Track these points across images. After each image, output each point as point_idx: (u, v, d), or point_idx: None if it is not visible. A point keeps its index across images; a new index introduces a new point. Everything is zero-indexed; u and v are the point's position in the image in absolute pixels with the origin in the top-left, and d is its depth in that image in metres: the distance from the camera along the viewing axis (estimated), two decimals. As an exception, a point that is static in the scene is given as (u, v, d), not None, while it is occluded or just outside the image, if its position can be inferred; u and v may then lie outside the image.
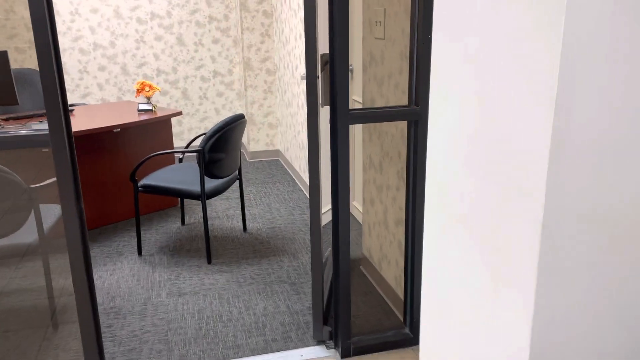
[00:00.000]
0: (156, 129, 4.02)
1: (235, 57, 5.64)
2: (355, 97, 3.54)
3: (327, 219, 3.79)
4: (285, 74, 4.95)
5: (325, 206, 3.61)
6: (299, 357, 2.33)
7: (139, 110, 3.95)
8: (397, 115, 2.11)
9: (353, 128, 3.70)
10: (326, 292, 2.72)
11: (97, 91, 5.41)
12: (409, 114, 2.12)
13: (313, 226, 2.21)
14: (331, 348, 2.39)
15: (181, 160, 3.79)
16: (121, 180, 3.87)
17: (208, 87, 5.67)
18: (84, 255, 1.96)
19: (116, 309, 2.76)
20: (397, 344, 2.38)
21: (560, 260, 1.01)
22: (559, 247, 1.01)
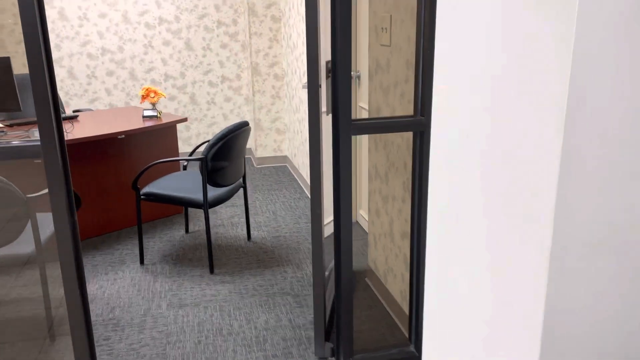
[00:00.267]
0: (161, 135, 3.98)
1: (244, 62, 5.60)
2: (363, 103, 3.47)
3: (331, 229, 3.72)
4: (292, 80, 4.89)
5: (330, 217, 3.54)
6: (299, 375, 2.26)
7: (143, 117, 3.90)
8: (402, 126, 2.03)
9: (359, 136, 3.62)
10: (329, 306, 2.64)
11: (105, 96, 5.40)
12: (415, 125, 2.04)
13: (314, 240, 2.13)
14: (333, 365, 2.31)
15: (185, 168, 3.74)
16: (125, 187, 3.83)
17: (216, 92, 5.63)
18: (77, 269, 1.91)
19: (115, 320, 2.70)
20: (401, 362, 2.29)
21: (569, 287, 0.93)
22: (568, 274, 0.93)
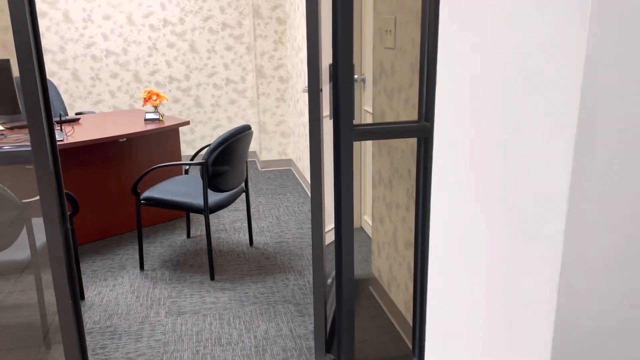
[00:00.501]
0: (163, 138, 3.93)
1: (248, 64, 5.55)
2: (368, 107, 3.40)
3: (333, 236, 3.65)
4: (297, 82, 4.83)
5: (331, 224, 3.47)
6: (299, 388, 2.19)
7: (145, 120, 3.86)
8: (406, 131, 1.96)
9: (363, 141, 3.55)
10: (331, 316, 2.57)
11: (109, 98, 5.36)
12: (419, 131, 1.97)
13: (315, 249, 2.07)
14: (334, 378, 2.24)
15: (187, 172, 3.68)
16: (126, 191, 3.79)
17: (221, 95, 5.58)
18: (69, 278, 1.85)
19: (112, 328, 2.65)
20: (404, 375, 2.21)
21: (578, 309, 0.85)
22: (578, 296, 0.86)
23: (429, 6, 1.90)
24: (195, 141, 5.66)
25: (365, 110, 3.45)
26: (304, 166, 4.84)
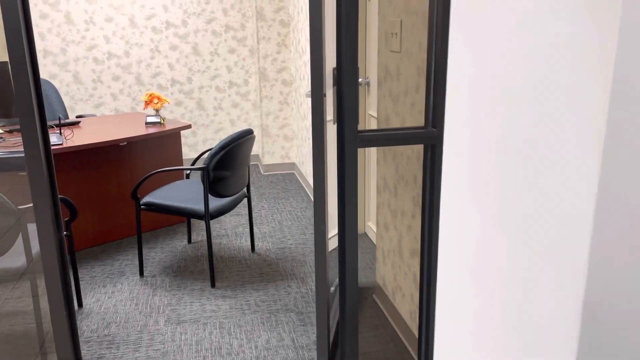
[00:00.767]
0: (164, 142, 3.88)
1: (251, 67, 5.50)
2: (372, 112, 3.33)
3: (337, 243, 3.58)
4: (301, 86, 4.77)
5: (334, 229, 3.40)
6: (300, 401, 2.12)
7: (146, 123, 3.80)
8: (412, 138, 1.89)
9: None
10: (334, 326, 2.50)
11: (110, 101, 5.32)
12: (426, 137, 1.90)
13: (318, 259, 2.00)
14: (337, 391, 2.17)
15: (188, 176, 3.63)
16: (126, 195, 3.73)
17: (223, 98, 5.53)
18: (64, 289, 1.79)
19: (110, 337, 2.59)
20: (409, 389, 2.14)
21: (600, 336, 0.79)
22: (600, 323, 0.79)
23: (436, 8, 1.84)
24: (197, 144, 5.61)
25: (370, 115, 3.39)
26: (307, 170, 4.78)
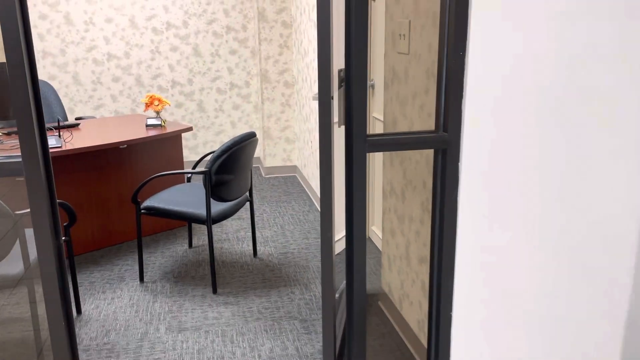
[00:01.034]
0: (165, 145, 3.82)
1: (253, 68, 5.44)
2: (376, 114, 3.27)
3: (342, 246, 3.52)
4: (303, 87, 4.71)
5: (339, 233, 3.34)
6: (306, 413, 2.06)
7: (147, 126, 3.74)
8: (423, 142, 1.83)
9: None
10: (339, 334, 2.44)
11: (110, 103, 5.26)
12: (437, 142, 1.84)
13: (324, 269, 1.94)
14: (343, 403, 2.11)
15: (190, 180, 3.56)
16: (126, 199, 3.67)
17: (224, 100, 5.47)
18: (63, 299, 1.73)
19: (110, 345, 2.52)
20: (418, 400, 2.08)
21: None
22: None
23: (448, 9, 1.78)
24: (197, 147, 5.55)
25: (375, 118, 3.33)
26: (309, 173, 4.72)
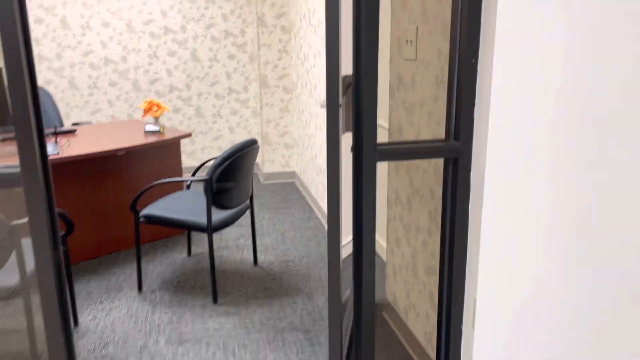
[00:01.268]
0: (164, 151, 3.75)
1: (251, 73, 5.39)
2: (381, 121, 3.23)
3: (346, 251, 3.47)
4: (302, 93, 4.66)
5: (344, 238, 3.29)
6: None
7: (145, 132, 3.68)
8: (435, 151, 1.79)
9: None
10: (345, 343, 2.38)
11: (107, 108, 5.19)
12: (449, 150, 1.79)
13: (331, 284, 1.88)
14: (350, 418, 2.05)
15: (189, 187, 3.50)
16: (124, 206, 3.60)
17: (222, 105, 5.42)
18: (62, 315, 1.67)
19: (108, 358, 2.46)
20: (427, 416, 2.03)
21: None
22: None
23: (460, 16, 1.74)
24: (195, 152, 5.49)
25: (379, 125, 3.28)
26: (309, 179, 4.67)
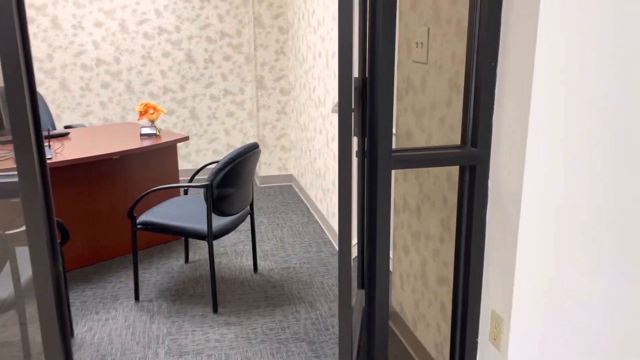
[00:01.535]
0: (160, 155, 3.65)
1: (248, 75, 5.30)
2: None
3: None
4: (301, 95, 4.58)
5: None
6: None
7: (141, 135, 3.58)
8: (453, 158, 1.72)
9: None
10: (354, 352, 2.31)
11: (99, 110, 5.07)
12: (467, 157, 1.72)
13: (342, 294, 1.80)
14: None
15: (186, 192, 3.41)
16: (119, 212, 3.50)
17: (218, 107, 5.32)
18: (61, 328, 1.57)
19: (106, 372, 2.36)
20: None
21: None
22: None
23: (479, 17, 1.67)
24: (190, 155, 5.38)
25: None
26: (307, 183, 4.59)
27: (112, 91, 5.05)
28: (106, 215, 3.43)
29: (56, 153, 3.13)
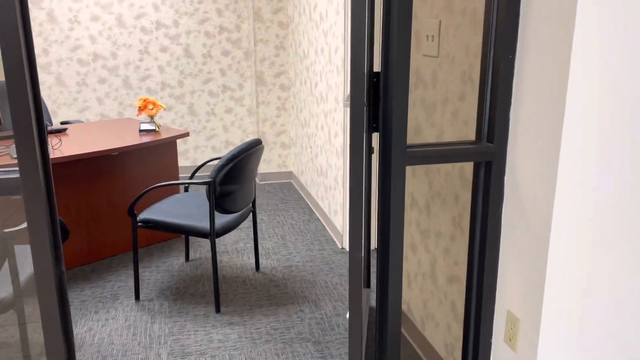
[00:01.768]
0: (160, 151, 3.59)
1: (247, 70, 5.23)
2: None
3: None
4: (301, 91, 4.52)
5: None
6: None
7: (140, 131, 3.51)
8: (469, 154, 1.67)
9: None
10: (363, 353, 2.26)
11: (96, 105, 4.99)
12: (483, 153, 1.67)
13: (352, 295, 1.75)
14: None
15: (187, 189, 3.34)
16: (118, 209, 3.43)
17: (216, 103, 5.25)
18: (64, 330, 1.51)
19: (107, 373, 2.30)
20: None
21: None
22: None
23: (497, 5, 1.61)
24: (188, 151, 5.31)
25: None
26: (307, 180, 4.53)
27: (109, 86, 4.97)
28: (105, 212, 3.36)
29: (54, 149, 3.06)
